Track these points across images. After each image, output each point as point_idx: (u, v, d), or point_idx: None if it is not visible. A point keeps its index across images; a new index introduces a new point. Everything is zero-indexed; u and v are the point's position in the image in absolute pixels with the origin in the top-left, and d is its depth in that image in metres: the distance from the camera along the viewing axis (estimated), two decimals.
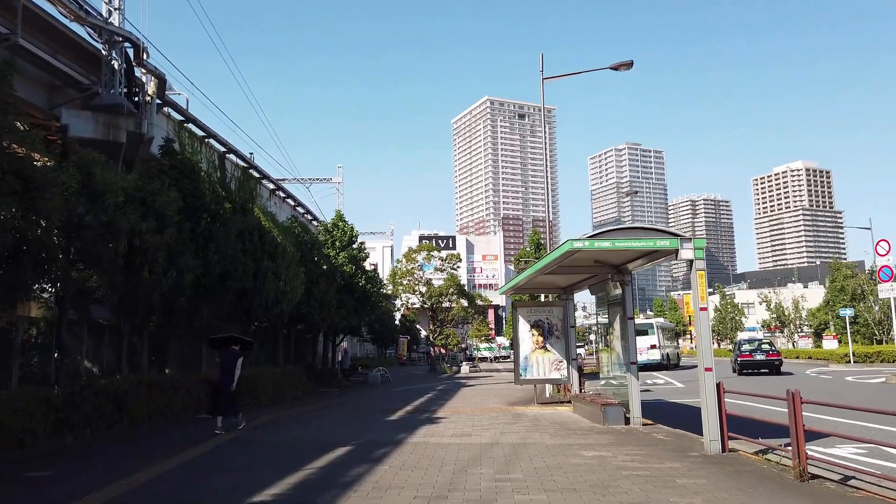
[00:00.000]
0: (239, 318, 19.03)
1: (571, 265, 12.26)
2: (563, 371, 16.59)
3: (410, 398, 19.56)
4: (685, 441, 10.08)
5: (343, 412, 15.95)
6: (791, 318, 55.54)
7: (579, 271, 13.07)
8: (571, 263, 12.03)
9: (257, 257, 18.27)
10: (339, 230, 26.92)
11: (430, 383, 27.36)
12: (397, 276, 37.37)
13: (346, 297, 25.19)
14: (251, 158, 32.21)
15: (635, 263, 11.55)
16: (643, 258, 10.93)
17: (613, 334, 13.72)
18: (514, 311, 16.95)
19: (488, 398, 18.93)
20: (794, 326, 55.45)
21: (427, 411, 15.45)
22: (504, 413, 14.71)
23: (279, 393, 19.41)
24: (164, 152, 16.82)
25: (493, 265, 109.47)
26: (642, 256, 10.79)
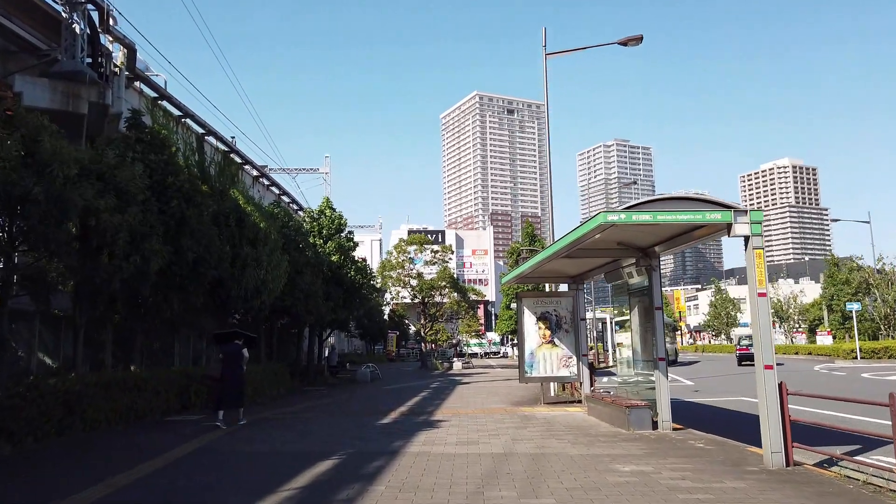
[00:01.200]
0: (215, 310, 17.35)
1: (592, 247, 10.72)
2: (573, 368, 15.09)
3: (403, 397, 17.99)
4: (732, 451, 8.58)
5: (330, 414, 14.34)
6: (789, 314, 54.55)
7: (598, 255, 11.53)
8: (592, 246, 10.49)
9: (235, 243, 16.60)
10: (327, 218, 25.22)
11: (422, 381, 25.80)
12: (387, 268, 35.72)
13: (334, 288, 23.53)
14: (233, 143, 30.47)
15: (667, 244, 10.03)
16: (679, 237, 9.40)
17: (632, 327, 12.24)
18: (518, 303, 15.42)
19: (489, 397, 17.40)
20: (793, 322, 54.44)
21: (423, 413, 13.89)
22: (510, 415, 13.18)
23: (259, 392, 17.75)
24: (131, 125, 15.11)
25: (483, 260, 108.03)
26: (680, 234, 9.26)
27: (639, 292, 11.64)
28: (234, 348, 12.90)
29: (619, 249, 10.98)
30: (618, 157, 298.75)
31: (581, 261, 13.39)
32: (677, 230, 8.99)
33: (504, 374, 28.94)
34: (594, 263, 13.35)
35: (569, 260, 13.10)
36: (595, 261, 12.99)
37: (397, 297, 36.43)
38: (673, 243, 9.94)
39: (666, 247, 10.09)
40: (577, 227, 8.90)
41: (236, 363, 12.69)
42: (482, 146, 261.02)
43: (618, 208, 7.81)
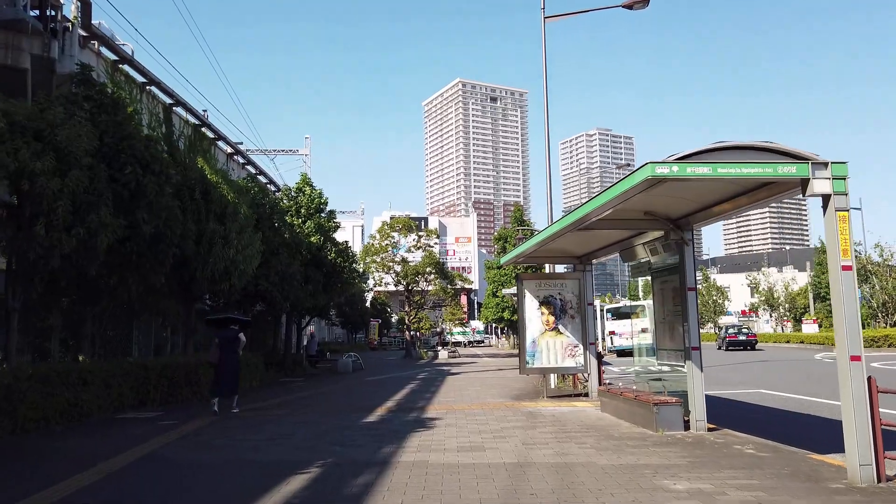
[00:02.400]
0: (180, 294, 15.56)
1: (613, 218, 9.15)
2: (580, 358, 13.58)
3: (390, 390, 16.37)
4: (794, 460, 7.08)
5: (307, 410, 12.68)
6: (780, 302, 53.76)
7: (619, 227, 9.94)
8: (613, 216, 8.93)
9: (201, 218, 14.79)
10: (306, 196, 23.39)
11: (408, 371, 24.20)
12: (370, 252, 33.95)
13: (313, 272, 21.78)
14: (205, 116, 28.39)
15: (709, 212, 8.47)
16: (729, 201, 7.82)
17: (654, 311, 10.72)
18: (518, 285, 13.84)
19: (483, 390, 15.84)
20: (784, 310, 53.70)
21: (414, 409, 12.28)
22: (512, 411, 11.63)
23: None
24: (79, 81, 13.21)
25: (466, 248, 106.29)
26: (735, 196, 7.66)
27: (665, 272, 10.10)
28: (230, 333, 12.67)
29: (646, 220, 9.42)
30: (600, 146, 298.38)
31: (592, 237, 11.85)
32: (733, 190, 7.40)
33: (494, 364, 27.45)
34: (608, 240, 11.80)
35: (578, 237, 11.57)
36: (611, 236, 11.44)
37: (380, 282, 34.60)
38: (713, 213, 8.39)
39: (707, 214, 8.52)
40: (609, 188, 7.29)
41: (232, 349, 12.52)
42: (465, 134, 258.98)
43: (669, 158, 6.20)
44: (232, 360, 12.47)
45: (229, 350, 12.50)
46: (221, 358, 12.35)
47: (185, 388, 13.87)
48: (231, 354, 12.49)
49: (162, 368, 13.40)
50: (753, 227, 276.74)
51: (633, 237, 10.99)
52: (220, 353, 12.40)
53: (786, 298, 53.66)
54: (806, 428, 9.99)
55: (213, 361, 12.55)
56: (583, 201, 9.62)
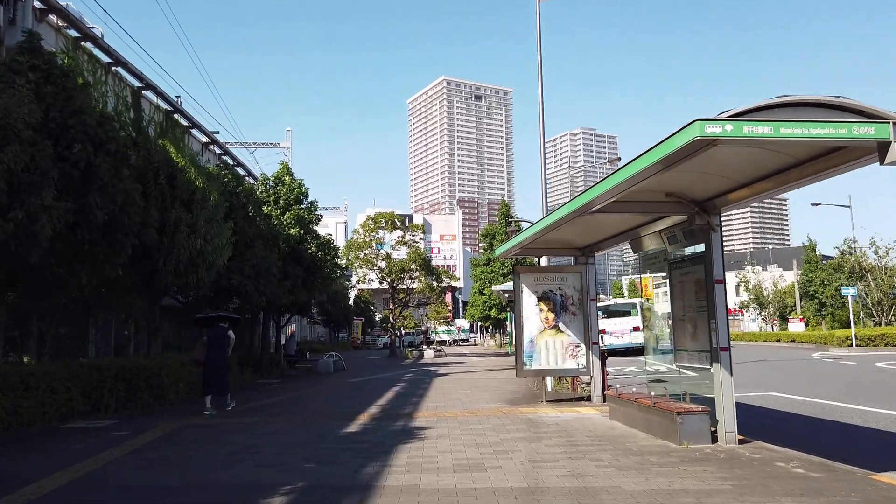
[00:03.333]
0: (142, 288, 14.16)
1: (629, 199, 7.98)
2: (581, 359, 12.42)
3: (373, 393, 15.10)
4: (852, 480, 5.95)
5: (281, 417, 11.38)
6: (770, 300, 53.17)
7: (636, 210, 8.76)
8: (629, 198, 7.75)
9: (165, 205, 13.42)
10: (285, 186, 22.01)
11: (393, 371, 22.92)
12: (354, 247, 32.59)
13: (292, 266, 20.42)
14: (178, 102, 26.85)
15: (742, 193, 7.31)
16: (769, 179, 6.67)
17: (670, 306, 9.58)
18: (515, 279, 12.64)
19: (475, 393, 14.62)
20: (774, 308, 53.11)
21: (401, 416, 11.03)
22: (510, 418, 10.42)
23: (198, 388, 14.63)
24: (24, 49, 11.77)
25: (451, 246, 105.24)
26: (776, 174, 6.51)
27: (686, 262, 8.95)
28: (219, 332, 12.52)
29: (668, 203, 8.25)
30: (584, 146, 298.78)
31: (598, 226, 10.71)
32: (781, 162, 6.23)
33: (483, 364, 26.26)
34: (617, 227, 10.64)
35: (581, 225, 10.46)
36: (621, 224, 10.29)
37: (364, 279, 33.26)
38: (749, 193, 7.23)
39: (742, 195, 7.36)
40: (632, 161, 6.10)
41: (220, 347, 12.33)
42: (450, 132, 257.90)
43: (720, 115, 5.01)
44: (219, 359, 12.25)
45: (217, 348, 12.29)
46: (208, 356, 12.18)
47: (146, 392, 12.50)
48: (219, 353, 12.29)
49: (119, 371, 12.02)
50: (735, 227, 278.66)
51: (647, 224, 9.84)
52: (207, 351, 12.24)
53: (775, 296, 53.06)
54: (846, 439, 8.90)
55: (199, 360, 12.38)
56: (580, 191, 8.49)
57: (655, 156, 5.52)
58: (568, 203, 8.33)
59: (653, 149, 5.54)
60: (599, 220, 10.12)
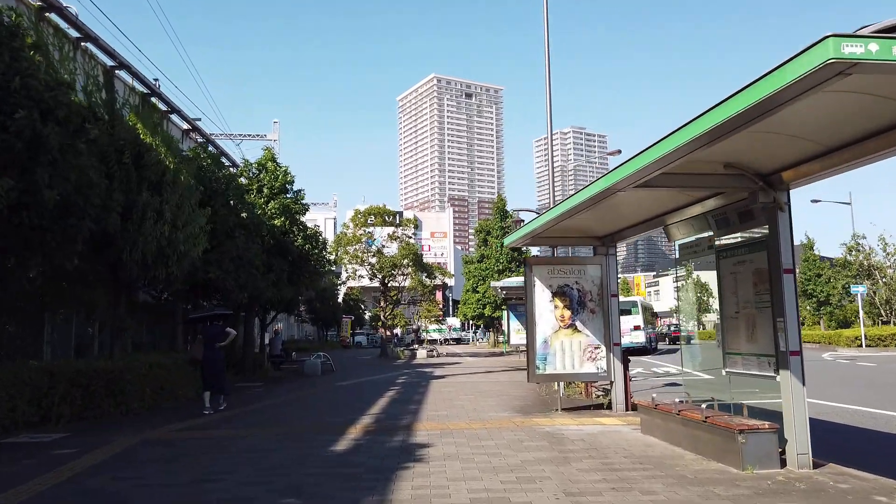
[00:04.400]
0: (107, 281, 12.62)
1: (679, 172, 6.60)
2: (601, 362, 11.02)
3: (366, 399, 13.63)
4: None
5: (259, 429, 9.88)
6: None
7: (687, 185, 7.30)
8: (679, 169, 6.38)
9: (131, 187, 11.88)
10: (269, 173, 20.45)
11: (385, 373, 21.43)
12: (343, 242, 31.05)
13: (277, 260, 18.88)
14: (156, 85, 25.18)
15: (825, 162, 5.91)
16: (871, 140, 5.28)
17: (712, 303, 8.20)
18: (527, 272, 11.21)
19: (478, 399, 13.17)
20: None
21: (398, 427, 9.56)
22: (526, 431, 8.98)
23: (169, 393, 13.11)
24: None
25: (442, 243, 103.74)
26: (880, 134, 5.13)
27: (740, 249, 7.56)
28: (215, 329, 12.32)
29: (727, 176, 6.84)
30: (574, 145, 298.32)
31: (626, 209, 9.32)
32: None
33: (480, 365, 24.83)
34: (650, 210, 9.23)
35: (604, 210, 9.07)
36: (655, 205, 8.88)
37: (354, 275, 31.72)
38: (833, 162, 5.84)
39: (824, 165, 5.96)
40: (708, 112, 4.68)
41: (215, 344, 12.04)
42: (439, 130, 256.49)
43: (856, 32, 3.60)
44: (214, 357, 11.95)
45: (212, 346, 12.03)
46: (205, 355, 11.97)
47: (106, 399, 10.95)
48: (215, 351, 11.99)
49: (74, 375, 10.47)
50: None
51: (685, 207, 8.44)
52: (203, 349, 12.04)
53: None
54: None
55: (197, 358, 12.28)
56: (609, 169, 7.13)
57: (753, 97, 4.07)
58: (605, 177, 6.88)
59: (752, 85, 4.09)
60: (625, 203, 8.76)
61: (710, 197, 7.79)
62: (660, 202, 8.81)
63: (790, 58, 3.71)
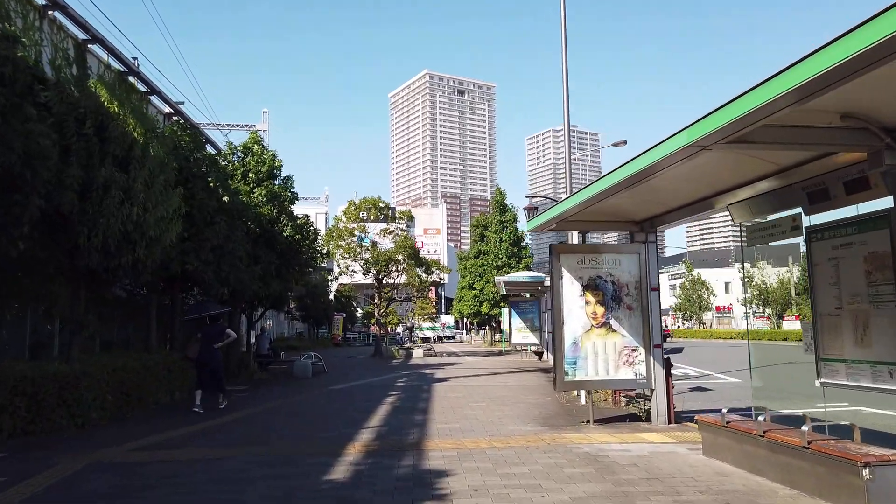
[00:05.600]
0: (64, 270, 10.92)
1: (783, 125, 5.06)
2: (640, 366, 9.47)
3: (363, 407, 12.01)
4: None
5: (236, 449, 8.25)
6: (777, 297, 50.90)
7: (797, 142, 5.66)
8: (784, 120, 4.88)
9: (92, 162, 10.18)
10: (255, 157, 18.77)
11: (381, 375, 19.82)
12: (334, 235, 29.39)
13: (264, 251, 17.22)
14: (134, 64, 23.39)
15: None
16: None
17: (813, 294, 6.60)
18: (553, 261, 9.62)
19: (492, 408, 11.58)
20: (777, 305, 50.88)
21: (405, 446, 7.96)
22: (561, 453, 7.41)
23: (138, 401, 11.45)
24: None
25: (435, 240, 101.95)
26: None
27: (845, 230, 6.01)
28: (214, 329, 12.36)
29: (841, 130, 5.28)
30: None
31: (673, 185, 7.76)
32: None
33: (482, 366, 23.26)
34: (710, 186, 7.66)
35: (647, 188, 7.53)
36: (717, 178, 7.31)
37: (347, 271, 30.04)
38: None
39: None
40: None
41: (212, 344, 12.04)
42: (432, 126, 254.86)
43: None
44: (210, 357, 11.95)
45: (209, 345, 12.00)
46: (200, 354, 11.99)
47: (58, 410, 9.28)
48: (212, 351, 11.99)
49: (18, 381, 8.79)
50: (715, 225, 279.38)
51: (756, 181, 6.89)
52: (200, 348, 12.05)
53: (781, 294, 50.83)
54: None
55: (192, 357, 12.41)
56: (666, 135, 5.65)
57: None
58: (688, 129, 5.29)
59: None
60: (673, 178, 7.21)
61: (799, 165, 6.25)
62: (716, 176, 7.26)
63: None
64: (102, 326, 14.52)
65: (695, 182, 7.61)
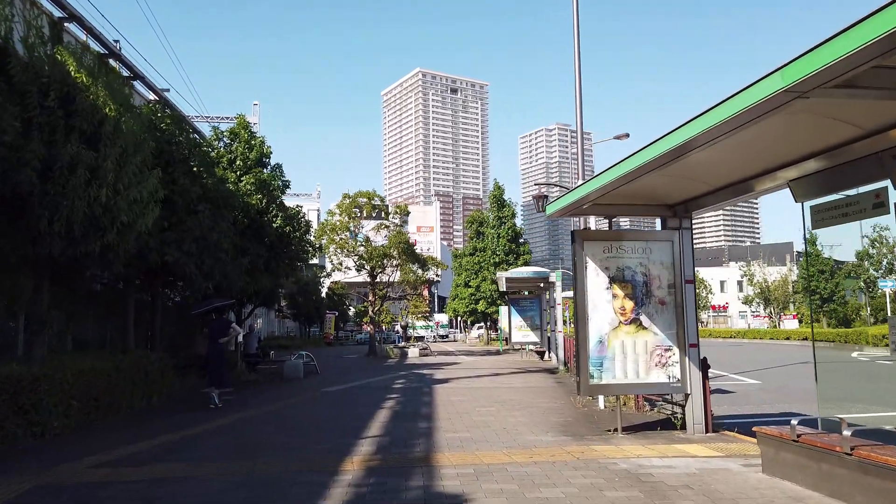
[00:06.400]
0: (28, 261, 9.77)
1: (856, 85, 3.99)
2: (674, 368, 8.43)
3: (360, 412, 10.90)
4: None
5: (212, 467, 7.13)
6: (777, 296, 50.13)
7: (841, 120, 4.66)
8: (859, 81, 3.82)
9: (56, 138, 9.04)
10: (242, 142, 17.61)
11: (377, 375, 18.71)
12: (327, 228, 28.23)
13: (252, 244, 16.08)
14: (116, 47, 22.14)
15: None
16: None
17: None
18: (576, 249, 8.55)
19: (503, 413, 10.49)
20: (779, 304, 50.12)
21: (412, 461, 6.87)
22: (595, 470, 6.34)
23: (108, 406, 10.29)
24: None
25: (429, 238, 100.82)
26: None
27: None
28: (220, 324, 12.46)
29: None
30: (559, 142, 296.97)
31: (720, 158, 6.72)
32: None
33: (482, 366, 22.18)
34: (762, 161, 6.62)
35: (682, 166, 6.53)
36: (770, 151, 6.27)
37: (340, 267, 28.88)
38: None
39: None
40: None
41: (216, 338, 12.22)
42: (424, 125, 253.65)
43: None
44: (213, 352, 12.11)
45: (214, 341, 12.16)
46: (209, 349, 12.16)
47: (14, 418, 8.13)
48: (217, 345, 12.12)
49: None
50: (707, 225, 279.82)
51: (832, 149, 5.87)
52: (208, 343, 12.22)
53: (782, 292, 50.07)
54: None
55: (202, 352, 12.65)
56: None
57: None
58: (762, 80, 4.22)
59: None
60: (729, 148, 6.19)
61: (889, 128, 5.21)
62: (779, 144, 6.23)
63: None
64: (75, 324, 13.35)
65: (750, 153, 6.55)
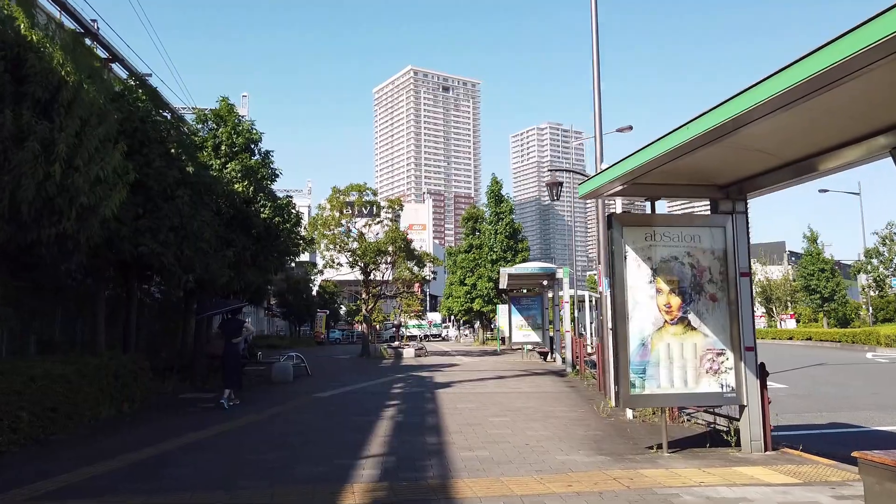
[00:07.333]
0: None
1: None
2: (727, 375, 7.22)
3: (358, 424, 9.60)
4: None
5: (185, 496, 5.84)
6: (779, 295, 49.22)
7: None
8: None
9: (2, 106, 7.72)
10: (228, 127, 16.28)
11: (373, 378, 17.42)
12: (318, 223, 26.89)
13: (238, 235, 14.75)
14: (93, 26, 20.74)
15: None
16: None
17: None
18: (613, 235, 7.30)
19: (520, 425, 9.23)
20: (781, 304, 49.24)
21: (426, 493, 5.61)
22: (650, 502, 5.12)
23: (68, 417, 8.95)
24: None
25: (421, 235, 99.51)
26: None
27: None
28: (234, 324, 12.45)
29: None
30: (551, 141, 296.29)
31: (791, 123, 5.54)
32: None
33: (483, 367, 20.93)
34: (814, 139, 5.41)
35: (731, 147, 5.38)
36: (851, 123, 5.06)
37: (332, 263, 27.55)
38: None
39: None
40: None
41: (229, 339, 12.24)
42: (416, 123, 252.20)
43: None
44: (231, 352, 12.11)
45: (228, 341, 12.20)
46: (225, 349, 12.18)
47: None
48: (232, 346, 12.16)
49: None
50: None
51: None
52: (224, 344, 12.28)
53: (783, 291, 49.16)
54: None
55: (217, 353, 12.77)
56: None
57: None
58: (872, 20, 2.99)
59: None
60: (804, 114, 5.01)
61: None
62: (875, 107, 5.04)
63: None
64: (39, 323, 12.01)
65: (837, 117, 5.35)
